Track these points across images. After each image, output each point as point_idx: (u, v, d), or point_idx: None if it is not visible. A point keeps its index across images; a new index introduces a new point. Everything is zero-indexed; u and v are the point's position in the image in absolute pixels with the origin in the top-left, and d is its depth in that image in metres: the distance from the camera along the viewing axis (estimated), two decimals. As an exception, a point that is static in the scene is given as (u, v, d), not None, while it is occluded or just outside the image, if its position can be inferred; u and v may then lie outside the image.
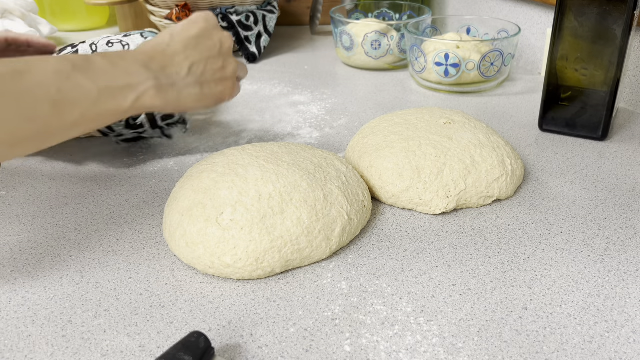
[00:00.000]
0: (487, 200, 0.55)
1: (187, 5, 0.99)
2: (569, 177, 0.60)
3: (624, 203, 0.55)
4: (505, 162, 0.55)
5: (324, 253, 0.47)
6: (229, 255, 0.45)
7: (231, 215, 0.46)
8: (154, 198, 0.58)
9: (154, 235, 0.52)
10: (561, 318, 0.41)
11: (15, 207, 0.57)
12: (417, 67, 0.86)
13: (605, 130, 0.66)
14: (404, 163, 0.54)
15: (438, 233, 0.51)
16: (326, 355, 0.38)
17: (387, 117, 0.63)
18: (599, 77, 0.64)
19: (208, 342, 0.37)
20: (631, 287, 0.44)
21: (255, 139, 0.72)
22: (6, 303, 0.44)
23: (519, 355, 0.38)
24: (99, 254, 0.49)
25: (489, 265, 0.46)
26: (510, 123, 0.74)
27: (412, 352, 0.38)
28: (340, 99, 0.84)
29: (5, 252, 0.50)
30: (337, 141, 0.70)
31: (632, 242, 0.49)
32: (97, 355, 0.39)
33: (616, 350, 0.38)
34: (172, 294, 0.44)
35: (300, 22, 1.26)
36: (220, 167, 0.51)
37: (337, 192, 0.50)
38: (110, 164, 0.65)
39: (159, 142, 0.70)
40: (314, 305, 0.43)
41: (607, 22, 0.61)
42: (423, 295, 0.43)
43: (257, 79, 0.93)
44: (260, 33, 1.03)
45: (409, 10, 1.04)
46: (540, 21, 0.90)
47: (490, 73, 0.83)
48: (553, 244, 0.49)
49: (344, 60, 0.99)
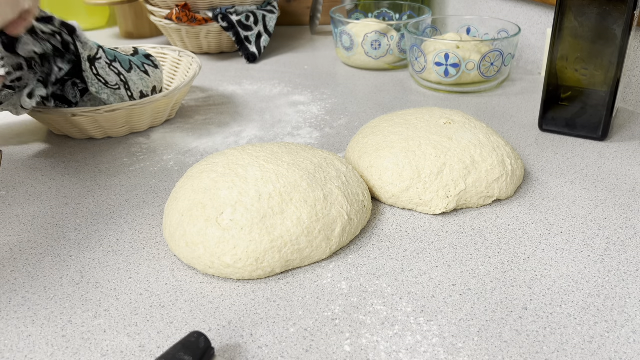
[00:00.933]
0: (487, 200, 0.55)
1: (187, 5, 0.99)
2: (569, 177, 0.60)
3: (624, 203, 0.55)
4: (505, 162, 0.56)
5: (324, 253, 0.47)
6: (229, 255, 0.45)
7: (231, 215, 0.46)
8: (154, 198, 0.58)
9: (154, 235, 0.52)
10: (561, 318, 0.41)
11: (15, 207, 0.57)
12: (417, 67, 0.86)
13: (605, 130, 0.66)
14: (404, 163, 0.54)
15: (438, 233, 0.51)
16: (326, 355, 0.38)
17: (387, 117, 0.63)
18: (599, 77, 0.64)
19: (208, 342, 0.37)
20: (631, 287, 0.44)
21: (255, 139, 0.72)
22: (6, 303, 0.44)
23: (519, 355, 0.38)
24: (99, 254, 0.49)
25: (489, 265, 0.46)
26: (510, 123, 0.74)
27: (412, 352, 0.38)
28: (340, 99, 0.84)
29: (5, 252, 0.50)
30: (337, 141, 0.70)
31: (632, 242, 0.49)
32: (97, 355, 0.39)
33: (616, 350, 0.38)
34: (172, 294, 0.44)
35: (300, 22, 1.26)
36: (220, 167, 0.51)
37: (337, 192, 0.50)
38: (110, 164, 0.65)
39: (159, 143, 0.70)
40: (314, 305, 0.43)
41: (607, 22, 0.61)
42: (423, 295, 0.43)
43: (257, 79, 0.93)
44: (260, 33, 1.03)
45: (409, 10, 1.04)
46: (540, 21, 0.90)
47: (490, 73, 0.83)
48: (553, 244, 0.49)
49: (344, 60, 0.99)
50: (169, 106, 0.74)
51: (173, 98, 0.72)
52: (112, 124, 0.69)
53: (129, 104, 0.67)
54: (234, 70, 0.99)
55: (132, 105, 0.67)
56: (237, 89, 0.89)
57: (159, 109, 0.72)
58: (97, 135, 0.71)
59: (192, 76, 0.75)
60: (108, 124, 0.69)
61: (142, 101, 0.68)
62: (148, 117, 0.72)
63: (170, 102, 0.73)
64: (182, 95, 0.76)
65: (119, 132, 0.71)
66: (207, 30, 1.02)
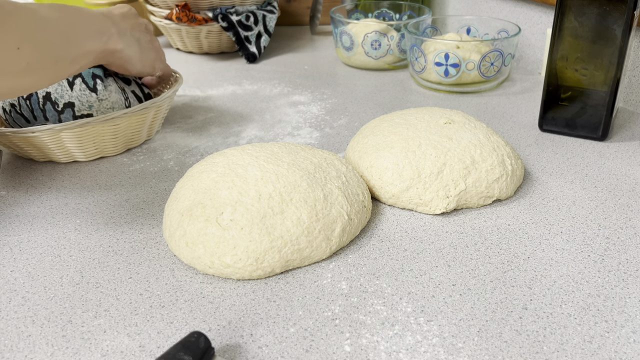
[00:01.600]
0: (487, 200, 0.55)
1: (187, 5, 0.99)
2: (569, 177, 0.60)
3: (624, 203, 0.55)
4: (505, 162, 0.55)
5: (324, 253, 0.47)
6: (229, 255, 0.45)
7: (231, 215, 0.46)
8: (154, 198, 0.58)
9: (154, 235, 0.52)
10: (561, 318, 0.41)
11: (15, 207, 0.57)
12: (417, 67, 0.86)
13: (605, 130, 0.66)
14: (404, 163, 0.54)
15: (438, 233, 0.51)
16: (326, 355, 0.38)
17: (387, 117, 0.63)
18: (599, 77, 0.64)
19: (208, 342, 0.37)
20: (631, 287, 0.44)
21: (255, 139, 0.72)
22: (6, 303, 0.44)
23: (519, 355, 0.38)
24: (99, 254, 0.49)
25: (489, 265, 0.46)
26: (510, 123, 0.74)
27: (412, 352, 0.38)
28: (340, 99, 0.84)
29: (5, 252, 0.50)
30: (337, 141, 0.70)
31: (632, 242, 0.49)
32: (97, 355, 0.39)
33: (616, 350, 0.38)
34: (172, 294, 0.44)
35: (300, 22, 1.26)
36: (220, 167, 0.51)
37: (337, 192, 0.50)
38: (110, 164, 0.65)
39: (159, 143, 0.70)
40: (314, 305, 0.43)
41: (607, 22, 0.61)
42: (423, 295, 0.43)
43: (257, 79, 0.93)
44: (260, 33, 1.03)
45: (409, 10, 1.04)
46: (540, 21, 0.90)
47: (490, 73, 0.83)
48: (553, 244, 0.49)
49: (344, 60, 0.99)
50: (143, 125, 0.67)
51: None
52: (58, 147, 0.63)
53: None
54: (234, 70, 0.99)
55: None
56: (237, 89, 0.89)
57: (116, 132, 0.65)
58: (63, 159, 0.65)
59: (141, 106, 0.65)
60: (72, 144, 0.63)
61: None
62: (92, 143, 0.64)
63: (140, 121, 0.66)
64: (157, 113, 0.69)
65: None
66: (207, 30, 1.02)
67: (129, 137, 0.67)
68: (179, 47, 1.10)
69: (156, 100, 0.66)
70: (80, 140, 0.62)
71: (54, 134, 0.60)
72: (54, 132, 0.60)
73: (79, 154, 0.64)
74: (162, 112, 0.70)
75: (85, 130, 0.62)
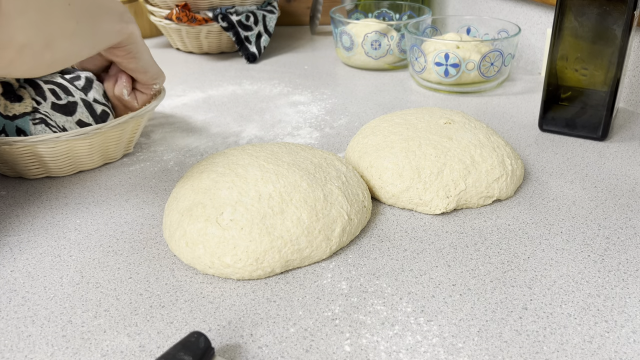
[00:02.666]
0: (487, 200, 0.55)
1: (187, 5, 0.99)
2: (569, 177, 0.60)
3: (624, 203, 0.55)
4: (505, 162, 0.56)
5: (324, 253, 0.47)
6: (229, 255, 0.45)
7: (231, 215, 0.46)
8: (154, 198, 0.58)
9: (154, 235, 0.52)
10: (561, 318, 0.41)
11: (15, 207, 0.57)
12: (417, 67, 0.86)
13: (605, 130, 0.66)
14: (403, 163, 0.54)
15: (438, 233, 0.51)
16: (326, 355, 0.38)
17: (387, 117, 0.63)
18: (599, 77, 0.64)
19: (208, 342, 0.37)
20: (631, 287, 0.44)
21: (255, 139, 0.72)
22: (6, 303, 0.44)
23: (519, 355, 0.38)
24: (99, 254, 0.49)
25: (489, 265, 0.46)
26: (510, 123, 0.74)
27: (412, 352, 0.38)
28: (340, 99, 0.84)
29: (5, 252, 0.50)
30: (337, 141, 0.70)
31: (632, 242, 0.49)
32: (97, 355, 0.39)
33: (616, 350, 0.38)
34: (172, 294, 0.44)
35: (300, 22, 1.26)
36: (220, 167, 0.51)
37: (337, 192, 0.50)
38: (110, 164, 0.65)
39: (159, 143, 0.70)
40: (314, 305, 0.43)
41: (607, 22, 0.61)
42: (423, 295, 0.43)
43: (257, 79, 0.93)
44: (260, 33, 1.03)
45: (409, 10, 1.04)
46: (540, 21, 0.90)
47: (490, 73, 0.83)
48: (553, 244, 0.49)
49: (344, 60, 0.99)
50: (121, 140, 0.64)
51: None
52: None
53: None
54: (234, 70, 0.99)
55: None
56: (237, 89, 0.89)
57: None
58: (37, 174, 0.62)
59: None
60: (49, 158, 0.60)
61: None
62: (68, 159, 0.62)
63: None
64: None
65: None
66: (207, 30, 1.02)
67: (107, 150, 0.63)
68: (179, 47, 1.10)
69: (138, 113, 0.62)
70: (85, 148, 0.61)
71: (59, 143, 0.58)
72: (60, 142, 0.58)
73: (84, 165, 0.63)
74: (141, 127, 0.66)
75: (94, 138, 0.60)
